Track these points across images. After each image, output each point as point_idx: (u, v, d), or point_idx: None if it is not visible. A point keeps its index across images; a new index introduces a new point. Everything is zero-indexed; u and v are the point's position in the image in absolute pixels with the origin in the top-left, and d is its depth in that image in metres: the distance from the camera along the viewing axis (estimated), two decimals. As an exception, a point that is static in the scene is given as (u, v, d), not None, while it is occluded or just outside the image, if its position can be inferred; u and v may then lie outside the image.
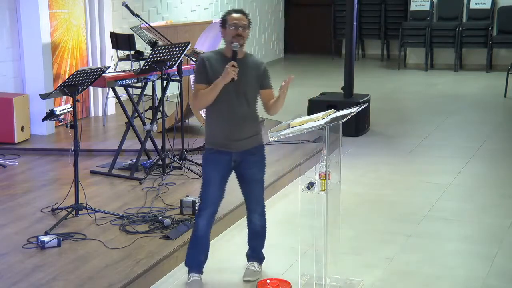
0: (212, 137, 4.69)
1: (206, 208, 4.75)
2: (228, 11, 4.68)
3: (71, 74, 5.62)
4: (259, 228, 4.96)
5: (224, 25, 4.61)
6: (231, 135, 4.62)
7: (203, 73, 4.60)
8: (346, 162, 7.40)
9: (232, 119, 4.61)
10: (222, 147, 4.64)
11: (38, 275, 4.67)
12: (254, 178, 4.81)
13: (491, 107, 10.59)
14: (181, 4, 11.74)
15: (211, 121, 4.70)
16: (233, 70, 4.47)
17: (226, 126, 4.62)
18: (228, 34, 4.58)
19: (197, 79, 4.64)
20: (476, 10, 13.70)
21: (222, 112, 4.61)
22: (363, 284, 4.81)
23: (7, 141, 7.71)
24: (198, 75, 4.65)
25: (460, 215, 6.22)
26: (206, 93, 4.55)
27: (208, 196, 4.74)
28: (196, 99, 4.62)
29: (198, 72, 4.65)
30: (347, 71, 9.04)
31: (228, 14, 4.64)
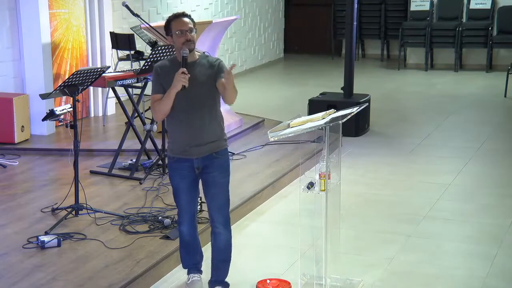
0: (172, 145, 4.55)
1: (183, 215, 4.68)
2: (169, 17, 4.53)
3: (71, 74, 5.63)
4: (224, 242, 4.69)
5: (170, 33, 4.48)
6: (190, 142, 4.47)
7: (157, 83, 4.48)
8: (346, 162, 7.40)
9: (191, 125, 4.46)
10: (182, 155, 4.50)
11: (38, 275, 4.67)
12: (216, 181, 4.59)
13: (491, 107, 10.59)
14: (181, 4, 11.74)
15: (171, 129, 4.56)
16: (183, 77, 4.32)
17: (185, 133, 4.48)
18: (177, 41, 4.43)
19: (152, 89, 4.51)
20: (476, 10, 13.70)
21: (180, 120, 4.47)
22: (363, 284, 4.81)
23: (7, 141, 7.71)
24: (153, 86, 4.52)
25: (460, 215, 6.22)
26: (161, 103, 4.41)
27: (181, 204, 4.65)
28: (154, 111, 4.50)
29: (153, 83, 4.53)
30: (347, 71, 9.04)
31: (171, 20, 4.49)
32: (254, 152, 7.67)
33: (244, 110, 9.39)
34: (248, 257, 5.35)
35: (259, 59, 14.58)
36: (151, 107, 4.56)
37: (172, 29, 4.47)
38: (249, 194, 6.29)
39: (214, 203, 4.66)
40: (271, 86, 12.54)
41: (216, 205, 4.67)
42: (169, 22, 4.49)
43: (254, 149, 7.78)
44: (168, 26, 4.49)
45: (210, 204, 4.67)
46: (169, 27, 4.49)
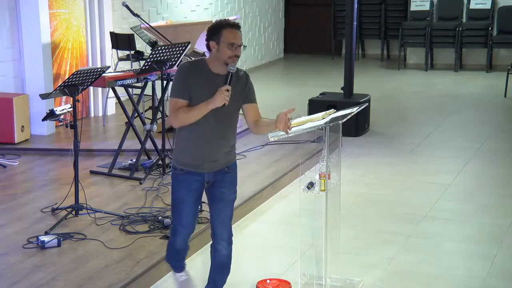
0: (184, 158, 4.23)
1: (181, 229, 4.46)
2: (222, 22, 4.12)
3: (71, 74, 5.62)
4: (225, 258, 4.43)
5: (218, 40, 4.07)
6: (207, 157, 4.19)
7: (183, 86, 4.10)
8: (346, 162, 7.40)
9: (211, 141, 4.17)
10: (194, 168, 4.22)
11: (38, 275, 4.67)
12: (225, 198, 4.33)
13: (491, 107, 10.59)
14: (181, 4, 11.74)
15: (185, 140, 4.21)
16: (227, 95, 4.01)
17: (203, 148, 4.18)
18: (224, 52, 4.06)
19: (177, 93, 4.10)
20: (476, 10, 13.70)
21: (199, 133, 4.15)
22: (363, 284, 4.81)
23: (7, 141, 7.71)
24: (178, 89, 4.10)
25: (460, 215, 6.22)
26: (190, 114, 4.06)
27: (182, 217, 4.39)
28: (177, 118, 4.10)
29: (179, 85, 4.11)
30: (347, 71, 9.04)
31: (224, 28, 4.08)
32: (254, 152, 7.67)
33: (244, 110, 9.39)
34: (248, 257, 5.35)
35: (259, 59, 14.57)
36: (171, 110, 4.12)
37: (223, 36, 4.06)
38: (249, 194, 6.29)
39: (220, 219, 4.38)
40: (271, 86, 12.54)
41: (221, 221, 4.38)
42: (221, 29, 4.08)
43: (254, 149, 7.78)
44: (219, 32, 4.07)
45: (215, 219, 4.38)
46: (220, 33, 4.07)
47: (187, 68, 4.17)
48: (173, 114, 4.11)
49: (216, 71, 4.13)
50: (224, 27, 4.08)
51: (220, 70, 4.14)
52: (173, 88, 4.15)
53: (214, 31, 4.10)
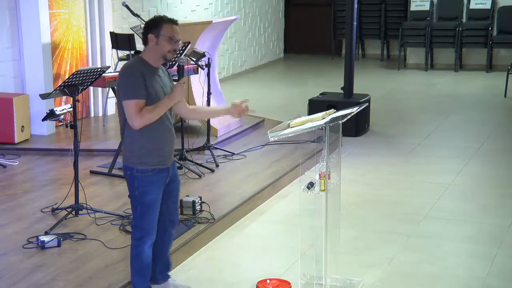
0: (153, 157, 4.21)
1: (152, 233, 4.33)
2: (163, 17, 4.23)
3: (71, 74, 5.62)
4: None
5: (158, 33, 4.16)
6: (169, 152, 4.30)
7: (141, 86, 4.10)
8: (346, 162, 7.40)
9: (169, 135, 4.29)
10: (162, 165, 4.25)
11: (38, 275, 4.67)
12: (178, 189, 4.51)
13: (491, 107, 10.59)
14: (181, 4, 11.74)
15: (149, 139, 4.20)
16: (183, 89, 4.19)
17: (170, 142, 4.29)
18: (163, 46, 4.16)
19: (136, 94, 4.09)
20: (476, 10, 13.70)
21: (161, 129, 4.22)
22: (363, 284, 4.81)
23: (7, 141, 7.71)
24: (135, 90, 4.09)
25: (460, 215, 6.22)
26: (156, 112, 4.13)
27: (153, 220, 4.31)
28: (142, 119, 4.10)
29: (136, 86, 4.10)
30: (347, 71, 9.04)
31: (164, 22, 4.20)
32: (254, 152, 7.67)
33: (244, 110, 9.38)
34: (248, 257, 5.35)
35: (259, 59, 14.57)
36: (133, 112, 4.10)
37: (162, 30, 4.17)
38: (249, 194, 6.29)
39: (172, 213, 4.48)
40: (271, 86, 12.54)
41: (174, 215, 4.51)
42: (161, 23, 4.19)
43: (254, 149, 7.78)
44: (158, 26, 4.18)
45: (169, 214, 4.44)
46: (160, 27, 4.18)
47: (137, 68, 4.17)
48: (137, 116, 4.10)
49: (155, 65, 4.23)
50: (164, 21, 4.20)
51: (156, 63, 4.24)
52: (129, 90, 4.11)
53: (154, 24, 4.19)
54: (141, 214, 4.29)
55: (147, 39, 4.22)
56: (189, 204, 5.74)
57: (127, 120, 4.19)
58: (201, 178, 6.73)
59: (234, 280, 4.90)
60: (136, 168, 4.21)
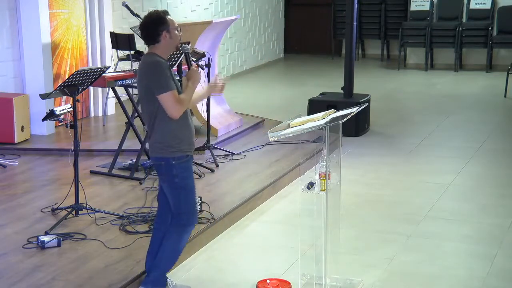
0: (184, 144, 4.40)
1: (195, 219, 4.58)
2: (160, 13, 4.40)
3: (71, 74, 5.63)
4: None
5: (168, 28, 4.35)
6: (193, 138, 4.53)
7: (171, 79, 4.32)
8: (346, 162, 7.40)
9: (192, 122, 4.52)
10: (191, 151, 4.49)
11: (38, 275, 4.67)
12: None
13: (491, 107, 10.59)
14: (181, 4, 11.74)
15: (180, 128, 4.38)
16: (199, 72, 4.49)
17: (193, 129, 4.50)
18: (175, 37, 4.39)
19: (170, 86, 4.28)
20: (476, 10, 13.70)
21: (188, 117, 4.44)
22: (363, 284, 4.81)
23: (7, 141, 7.71)
24: (169, 82, 4.28)
25: (460, 215, 6.22)
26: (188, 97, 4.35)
27: (195, 204, 4.54)
28: (182, 106, 4.30)
29: (167, 78, 4.30)
30: (347, 71, 9.04)
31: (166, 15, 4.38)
32: (254, 152, 7.67)
33: (244, 110, 9.39)
34: (248, 257, 5.35)
35: (259, 59, 14.57)
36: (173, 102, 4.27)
37: (170, 25, 4.36)
38: (249, 194, 6.30)
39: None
40: (271, 86, 12.54)
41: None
42: (165, 17, 4.37)
43: (254, 149, 7.78)
44: (165, 22, 4.35)
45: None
46: (166, 22, 4.35)
47: (163, 62, 4.37)
48: (177, 105, 4.28)
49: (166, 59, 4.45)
50: (166, 16, 4.39)
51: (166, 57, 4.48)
52: (164, 84, 4.28)
53: (160, 22, 4.35)
54: (185, 199, 4.46)
55: (155, 37, 4.36)
56: (189, 204, 5.73)
57: (157, 114, 4.32)
58: (201, 178, 6.73)
59: (234, 280, 4.90)
60: (172, 157, 4.37)
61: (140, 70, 4.40)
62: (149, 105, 4.35)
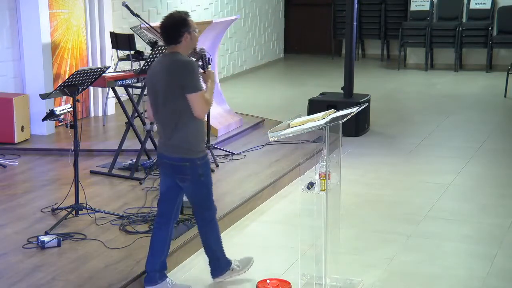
0: (202, 143, 4.58)
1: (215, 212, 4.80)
2: (182, 14, 4.46)
3: (71, 74, 5.63)
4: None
5: (189, 29, 4.42)
6: None
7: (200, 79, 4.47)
8: (346, 162, 7.40)
9: None
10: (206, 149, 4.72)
11: (38, 275, 4.67)
12: None
13: (491, 107, 10.59)
14: (181, 4, 11.74)
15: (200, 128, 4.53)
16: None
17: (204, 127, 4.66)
18: (195, 38, 4.47)
19: (201, 86, 4.44)
20: (476, 10, 13.70)
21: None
22: (363, 284, 4.81)
23: (7, 141, 7.71)
24: (199, 82, 4.43)
25: (460, 215, 6.22)
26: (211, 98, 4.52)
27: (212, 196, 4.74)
28: (208, 106, 4.49)
29: (199, 79, 4.44)
30: (347, 71, 9.04)
31: (187, 18, 4.44)
32: (254, 152, 7.67)
33: (244, 110, 9.39)
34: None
35: (259, 59, 14.57)
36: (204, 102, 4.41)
37: (191, 26, 4.44)
38: (249, 194, 6.30)
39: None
40: (271, 86, 12.54)
41: None
42: (186, 19, 4.43)
43: (254, 149, 7.78)
44: (187, 23, 4.43)
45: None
46: (188, 23, 4.43)
47: (195, 62, 4.50)
48: (206, 106, 4.45)
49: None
50: (187, 17, 4.45)
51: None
52: (197, 84, 4.39)
53: (183, 23, 4.41)
54: (209, 195, 4.67)
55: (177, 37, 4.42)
56: (189, 204, 5.72)
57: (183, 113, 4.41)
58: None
59: (234, 280, 4.90)
60: (197, 157, 4.51)
61: (170, 68, 4.40)
62: (175, 103, 4.41)
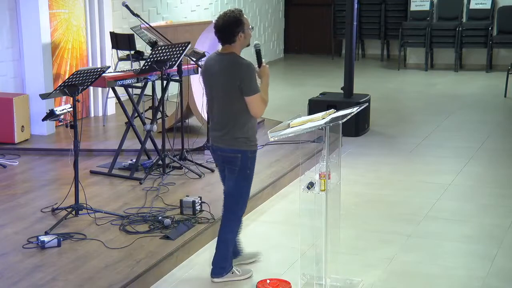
0: (254, 137, 4.73)
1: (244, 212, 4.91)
2: (236, 13, 4.58)
3: (71, 74, 5.62)
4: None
5: (243, 28, 4.56)
6: None
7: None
8: (346, 162, 7.40)
9: None
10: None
11: (38, 275, 4.67)
12: None
13: (491, 107, 10.59)
14: (181, 4, 11.74)
15: (254, 123, 4.70)
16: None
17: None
18: (249, 36, 4.61)
19: (258, 88, 4.60)
20: (476, 10, 13.70)
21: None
22: (363, 284, 4.81)
23: (7, 141, 7.71)
24: (257, 84, 4.61)
25: (460, 215, 6.22)
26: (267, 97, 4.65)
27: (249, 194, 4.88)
28: (265, 106, 4.63)
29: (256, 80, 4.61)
30: (347, 71, 9.04)
31: (242, 17, 4.57)
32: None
33: (244, 110, 9.38)
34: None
35: (259, 59, 14.55)
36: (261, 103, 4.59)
37: (245, 25, 4.57)
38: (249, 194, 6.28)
39: None
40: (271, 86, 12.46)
41: None
42: (241, 19, 4.56)
43: (254, 149, 7.76)
44: (243, 22, 4.56)
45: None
46: (243, 23, 4.56)
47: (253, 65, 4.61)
48: (263, 106, 4.62)
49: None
50: (242, 16, 4.58)
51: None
52: (255, 86, 4.57)
53: (239, 23, 4.55)
54: (246, 191, 4.82)
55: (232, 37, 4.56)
56: (189, 204, 5.74)
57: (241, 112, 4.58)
58: (201, 178, 6.73)
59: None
60: (250, 150, 4.67)
61: (229, 71, 4.57)
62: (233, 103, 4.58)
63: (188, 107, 8.04)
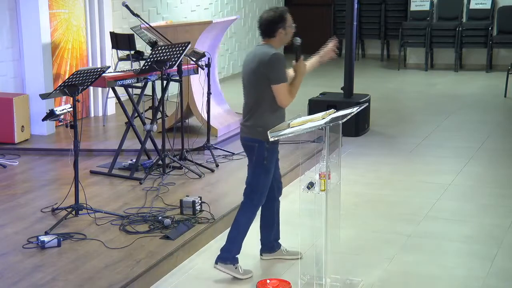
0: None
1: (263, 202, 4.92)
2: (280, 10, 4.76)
3: (71, 74, 5.62)
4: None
5: (285, 25, 4.76)
6: None
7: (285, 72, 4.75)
8: (346, 162, 7.40)
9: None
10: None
11: (38, 275, 4.67)
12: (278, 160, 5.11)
13: (491, 107, 10.59)
14: (181, 4, 11.74)
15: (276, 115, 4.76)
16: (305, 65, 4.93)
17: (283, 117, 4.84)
18: (290, 33, 4.83)
19: (285, 78, 4.74)
20: (476, 10, 13.70)
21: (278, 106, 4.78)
22: (363, 284, 4.81)
23: (7, 141, 7.71)
24: (285, 75, 4.74)
25: (460, 215, 6.22)
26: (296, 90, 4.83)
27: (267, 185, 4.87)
28: (292, 97, 4.77)
29: (284, 71, 4.73)
30: (347, 71, 9.04)
31: (286, 14, 4.76)
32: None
33: (244, 110, 9.38)
34: (248, 257, 5.34)
35: (259, 59, 14.55)
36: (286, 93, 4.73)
37: (288, 21, 4.77)
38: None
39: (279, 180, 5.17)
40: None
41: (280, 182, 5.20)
42: (285, 15, 4.75)
43: (254, 149, 7.76)
44: (285, 19, 4.75)
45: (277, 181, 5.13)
46: (286, 19, 4.75)
47: (283, 56, 4.80)
48: (289, 96, 4.77)
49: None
50: (286, 13, 4.78)
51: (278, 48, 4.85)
52: (282, 75, 4.72)
53: (281, 19, 4.75)
54: (263, 181, 4.85)
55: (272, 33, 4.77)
56: (189, 204, 5.74)
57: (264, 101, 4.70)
58: (201, 178, 6.73)
59: (234, 279, 4.90)
60: (267, 140, 4.63)
61: (259, 58, 4.69)
62: (260, 90, 4.70)
63: (188, 107, 8.04)
